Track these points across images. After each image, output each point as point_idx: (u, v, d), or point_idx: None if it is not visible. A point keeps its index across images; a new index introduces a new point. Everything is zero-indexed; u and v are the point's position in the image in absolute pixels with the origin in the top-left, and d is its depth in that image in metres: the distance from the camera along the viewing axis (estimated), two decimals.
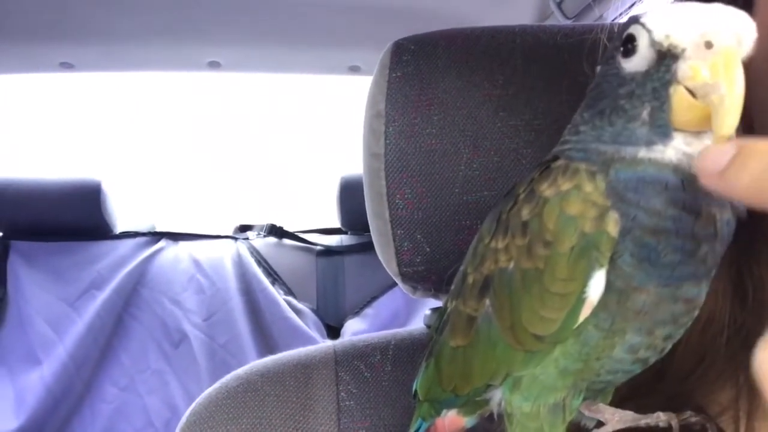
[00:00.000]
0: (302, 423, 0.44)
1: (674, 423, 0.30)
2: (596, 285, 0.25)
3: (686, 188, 0.24)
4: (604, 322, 0.26)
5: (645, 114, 0.25)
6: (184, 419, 0.45)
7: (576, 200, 0.25)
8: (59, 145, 1.75)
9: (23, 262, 1.44)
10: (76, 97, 1.74)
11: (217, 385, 0.47)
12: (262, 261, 1.50)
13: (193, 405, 0.46)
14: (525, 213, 0.27)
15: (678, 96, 0.24)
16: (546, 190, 0.26)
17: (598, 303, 0.25)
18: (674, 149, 0.24)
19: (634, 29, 0.25)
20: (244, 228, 1.62)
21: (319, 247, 1.57)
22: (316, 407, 0.45)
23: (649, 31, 0.25)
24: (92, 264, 1.45)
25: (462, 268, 0.32)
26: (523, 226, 0.27)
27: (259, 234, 1.59)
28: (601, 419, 0.32)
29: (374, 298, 1.48)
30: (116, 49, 1.28)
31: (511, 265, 0.27)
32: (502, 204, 0.29)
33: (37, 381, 1.32)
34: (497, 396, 0.31)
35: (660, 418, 0.31)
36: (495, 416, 0.31)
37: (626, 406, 0.32)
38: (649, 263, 0.25)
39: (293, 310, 1.43)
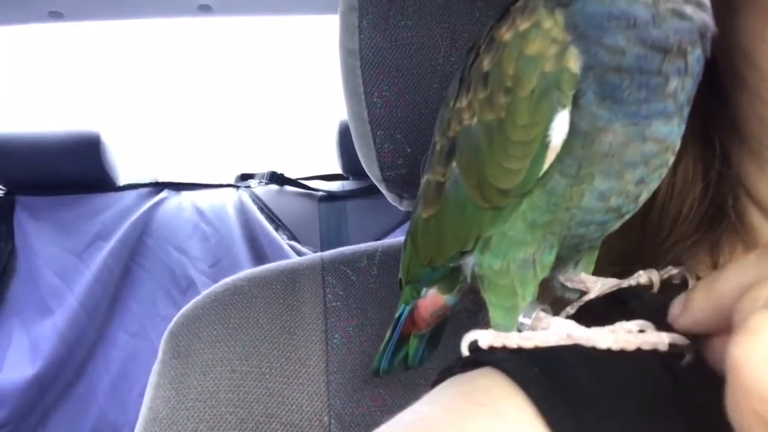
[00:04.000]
0: (289, 323, 0.45)
1: (655, 277, 0.30)
2: (559, 127, 0.24)
3: (657, 24, 0.23)
4: (569, 168, 0.25)
5: None
6: (172, 323, 0.45)
7: (535, 39, 0.24)
8: (58, 99, 1.74)
9: (29, 217, 1.45)
10: (72, 50, 1.72)
11: (205, 292, 0.47)
12: (264, 208, 1.51)
13: (182, 310, 0.46)
14: (486, 63, 0.26)
15: None
16: (505, 34, 0.25)
17: (562, 148, 0.25)
18: None
19: None
20: (246, 177, 1.62)
21: (321, 193, 1.57)
22: (303, 308, 0.46)
23: None
24: (97, 216, 1.46)
25: (433, 140, 0.32)
26: (485, 78, 0.26)
27: (260, 182, 1.58)
28: (583, 289, 0.32)
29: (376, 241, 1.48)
30: None
31: (474, 121, 0.27)
32: (465, 61, 0.28)
33: (50, 329, 1.35)
34: (471, 263, 0.31)
35: (641, 276, 0.30)
36: (468, 279, 0.31)
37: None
38: (613, 101, 0.24)
39: (297, 255, 1.44)
